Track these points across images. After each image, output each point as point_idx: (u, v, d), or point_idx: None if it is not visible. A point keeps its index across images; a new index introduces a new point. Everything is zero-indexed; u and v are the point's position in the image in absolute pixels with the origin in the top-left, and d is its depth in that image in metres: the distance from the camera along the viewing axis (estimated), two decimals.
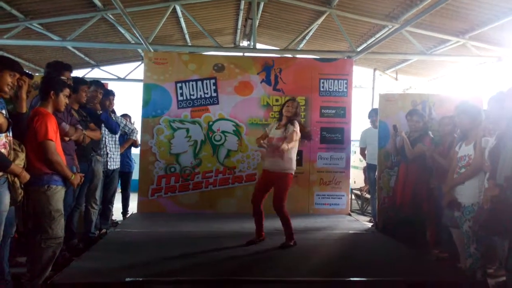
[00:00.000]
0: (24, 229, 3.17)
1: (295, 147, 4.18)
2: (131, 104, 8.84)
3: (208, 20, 8.51)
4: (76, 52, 9.26)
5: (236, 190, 5.96)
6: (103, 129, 4.71)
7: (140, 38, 6.50)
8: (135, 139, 5.95)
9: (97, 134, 4.21)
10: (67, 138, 3.61)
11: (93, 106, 4.50)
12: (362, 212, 7.66)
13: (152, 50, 6.95)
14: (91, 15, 7.01)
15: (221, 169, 6.00)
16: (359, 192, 7.80)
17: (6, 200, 2.74)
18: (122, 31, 8.01)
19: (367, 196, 7.13)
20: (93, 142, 4.28)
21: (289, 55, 8.65)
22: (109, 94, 5.23)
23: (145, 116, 5.95)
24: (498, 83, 7.44)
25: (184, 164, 5.95)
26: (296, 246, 4.10)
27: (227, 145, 6.03)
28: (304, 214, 5.91)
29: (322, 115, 6.18)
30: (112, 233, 4.68)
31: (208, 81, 6.05)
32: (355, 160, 7.83)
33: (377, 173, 5.43)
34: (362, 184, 7.19)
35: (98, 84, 4.65)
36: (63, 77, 3.73)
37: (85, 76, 10.23)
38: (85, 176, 3.95)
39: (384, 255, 4.08)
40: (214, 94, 6.04)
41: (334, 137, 6.18)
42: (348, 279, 3.29)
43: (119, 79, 11.00)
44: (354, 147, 7.12)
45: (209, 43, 8.18)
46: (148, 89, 5.97)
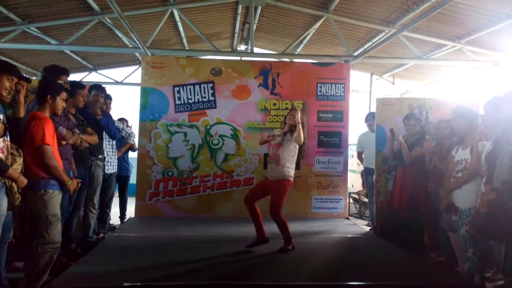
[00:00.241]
0: (22, 234, 3.16)
1: (294, 155, 4.17)
2: (129, 108, 8.84)
3: (206, 24, 8.52)
4: (74, 56, 9.24)
5: (234, 194, 5.96)
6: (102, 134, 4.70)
7: (138, 42, 6.50)
8: (132, 143, 5.95)
9: (95, 138, 4.20)
10: (64, 142, 3.60)
11: (94, 111, 4.50)
12: (360, 216, 7.67)
13: (150, 54, 6.95)
14: (89, 19, 7.01)
15: (219, 173, 6.00)
16: (357, 196, 7.81)
17: (4, 205, 2.73)
18: (120, 35, 8.01)
19: (365, 200, 7.14)
20: (93, 147, 4.27)
21: (287, 60, 8.67)
22: (106, 98, 5.22)
23: (143, 120, 5.95)
24: (494, 88, 7.48)
25: (182, 168, 5.94)
26: (295, 250, 4.09)
27: (225, 149, 6.03)
28: (302, 218, 5.92)
29: (320, 119, 6.20)
30: (110, 238, 4.66)
31: (206, 85, 6.05)
32: (353, 164, 7.84)
33: (375, 177, 5.44)
34: (360, 188, 7.20)
35: (99, 88, 4.64)
36: (60, 81, 3.73)
37: (83, 80, 10.21)
38: (83, 181, 3.94)
39: (382, 259, 4.08)
40: (212, 98, 6.05)
41: (332, 141, 6.20)
42: (347, 283, 3.29)
43: (117, 83, 10.98)
44: (352, 151, 7.13)
45: (207, 47, 8.18)
46: (146, 93, 5.98)
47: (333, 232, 5.24)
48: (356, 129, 6.84)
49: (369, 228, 5.82)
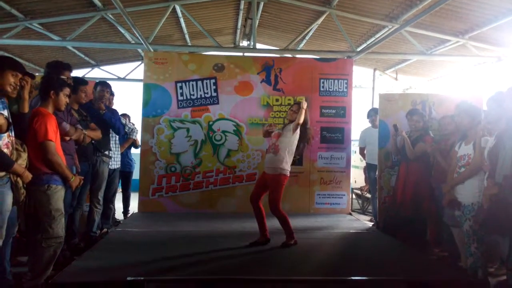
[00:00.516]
0: (26, 229, 3.18)
1: (293, 147, 4.18)
2: (131, 104, 8.84)
3: (208, 20, 8.52)
4: (76, 52, 9.26)
5: (237, 190, 5.97)
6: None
7: (140, 38, 6.51)
8: (135, 139, 5.96)
9: (98, 134, 4.20)
10: (68, 138, 3.62)
11: (98, 106, 4.51)
12: (363, 212, 7.67)
13: (152, 50, 6.96)
14: (91, 15, 7.01)
15: (222, 169, 6.01)
16: (360, 192, 7.81)
17: (9, 200, 2.74)
18: (122, 31, 8.02)
19: (368, 196, 7.14)
20: (99, 143, 4.28)
21: (289, 55, 8.66)
22: (109, 94, 5.24)
23: (146, 116, 5.95)
24: (498, 83, 7.46)
25: (185, 164, 5.95)
26: (297, 246, 4.09)
27: (228, 145, 6.03)
28: (305, 214, 5.92)
29: (322, 115, 6.18)
30: (113, 233, 4.68)
31: (208, 81, 6.05)
32: (356, 160, 7.84)
33: (378, 173, 5.44)
34: (363, 184, 7.20)
35: (104, 84, 4.67)
36: (63, 77, 3.73)
37: (85, 76, 10.24)
38: (85, 177, 3.96)
39: (385, 254, 4.08)
40: (214, 94, 6.04)
41: (335, 137, 6.19)
42: (349, 278, 3.29)
43: (119, 79, 11.01)
44: (355, 147, 7.13)
45: (209, 43, 8.18)
46: (148, 89, 5.98)
47: (336, 228, 5.24)
48: (359, 125, 6.83)
49: (372, 224, 5.83)
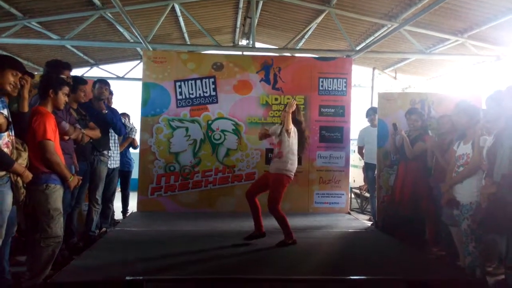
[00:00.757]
0: (26, 229, 3.17)
1: (293, 147, 4.18)
2: (130, 103, 8.83)
3: (207, 19, 8.51)
4: (75, 51, 9.24)
5: (236, 189, 5.96)
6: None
7: (139, 37, 6.50)
8: (134, 138, 5.96)
9: (97, 133, 4.20)
10: (67, 137, 3.61)
11: (99, 105, 4.50)
12: (362, 211, 7.68)
13: (151, 49, 6.95)
14: (90, 14, 7.00)
15: (221, 168, 6.00)
16: (359, 191, 7.82)
17: (9, 200, 2.73)
18: (121, 30, 8.01)
19: (367, 195, 7.14)
20: (97, 142, 4.28)
21: (288, 54, 8.65)
22: (108, 92, 5.23)
23: (144, 115, 5.94)
24: (497, 82, 7.46)
25: (184, 163, 5.95)
26: (296, 245, 4.09)
27: (227, 144, 6.03)
28: (304, 213, 5.92)
29: (321, 114, 6.18)
30: (112, 232, 4.68)
31: (207, 80, 6.04)
32: (355, 159, 7.84)
33: (377, 172, 5.43)
34: (362, 183, 7.20)
35: (103, 82, 4.68)
36: (63, 76, 3.73)
37: (84, 75, 10.22)
38: (84, 176, 3.95)
39: (384, 254, 4.08)
40: (213, 93, 6.04)
41: (334, 136, 6.18)
42: (348, 278, 3.29)
43: (118, 78, 10.99)
44: (354, 146, 7.13)
45: (208, 42, 8.16)
46: (147, 88, 5.97)
47: (335, 227, 5.24)
48: (358, 124, 6.84)
49: (371, 223, 5.83)
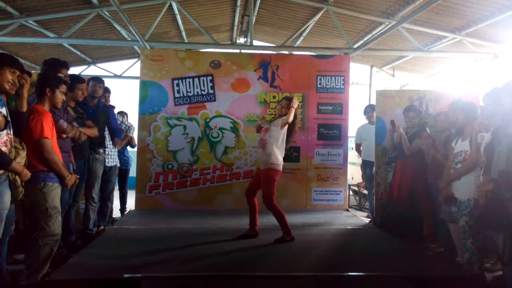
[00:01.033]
0: (24, 227, 3.16)
1: (280, 141, 4.18)
2: (128, 102, 8.82)
3: (205, 17, 8.49)
4: (72, 49, 9.21)
5: (234, 187, 5.97)
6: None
7: (136, 35, 6.48)
8: (132, 136, 5.94)
9: (94, 131, 4.19)
10: (65, 136, 3.60)
11: (92, 102, 4.49)
12: (360, 208, 7.69)
13: (149, 47, 6.93)
14: (87, 12, 6.97)
15: (219, 166, 6.01)
16: (357, 188, 7.82)
17: (6, 199, 2.72)
18: (118, 28, 7.98)
19: (365, 192, 7.15)
20: (93, 140, 4.27)
21: (286, 52, 8.63)
22: (105, 91, 5.22)
23: (142, 113, 5.94)
24: (494, 80, 7.46)
25: (182, 161, 5.95)
26: (295, 242, 4.11)
27: (225, 142, 6.03)
28: (302, 210, 5.94)
29: (319, 112, 6.19)
30: (110, 230, 4.68)
31: (205, 78, 6.04)
32: (353, 156, 7.84)
33: (375, 169, 5.44)
34: (360, 180, 7.19)
35: (97, 79, 4.67)
36: (60, 75, 3.71)
37: (81, 74, 10.19)
38: (82, 174, 3.95)
39: (382, 250, 4.10)
40: (211, 91, 6.03)
41: (332, 134, 6.20)
42: (346, 274, 3.31)
43: (116, 76, 10.97)
44: (352, 144, 7.13)
45: (206, 40, 8.14)
46: (145, 86, 5.96)
47: (333, 224, 5.25)
48: (356, 122, 6.84)
49: (369, 220, 5.84)
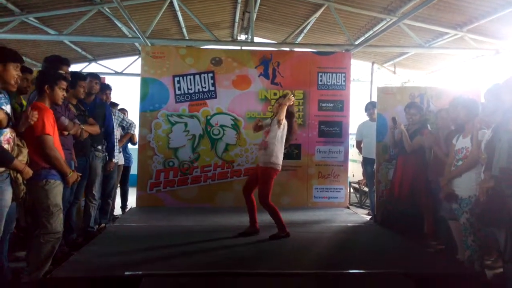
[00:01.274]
0: (26, 225, 3.17)
1: (280, 140, 4.20)
2: (129, 99, 8.82)
3: (206, 14, 8.47)
4: (73, 47, 9.20)
5: (235, 184, 5.96)
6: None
7: (137, 32, 6.47)
8: (133, 133, 5.95)
9: (96, 129, 4.20)
10: (66, 133, 3.61)
11: (89, 99, 4.49)
12: (361, 205, 7.70)
13: (149, 44, 6.92)
14: (88, 9, 6.96)
15: (220, 163, 6.00)
16: (358, 185, 7.82)
17: (8, 196, 2.72)
18: (119, 25, 7.96)
19: (366, 189, 7.15)
20: (93, 137, 4.27)
21: (287, 49, 8.62)
22: (106, 88, 5.22)
23: (143, 110, 5.93)
24: (496, 76, 7.45)
25: (183, 159, 5.95)
26: (295, 239, 4.11)
27: (226, 139, 6.03)
28: (303, 208, 5.94)
29: (320, 109, 6.18)
30: (111, 228, 4.69)
31: (206, 75, 6.03)
32: (354, 154, 7.84)
33: (376, 166, 5.44)
34: (361, 178, 7.20)
35: (92, 75, 4.64)
36: (61, 72, 3.71)
37: (82, 71, 10.18)
38: (83, 172, 3.95)
39: (382, 248, 4.09)
40: (212, 88, 6.02)
41: (333, 131, 6.19)
42: (347, 271, 3.31)
43: (117, 73, 10.97)
44: (353, 141, 7.13)
45: (207, 37, 8.15)
46: (146, 83, 5.96)
47: (334, 221, 5.26)
48: (357, 119, 6.83)
49: (370, 217, 5.85)
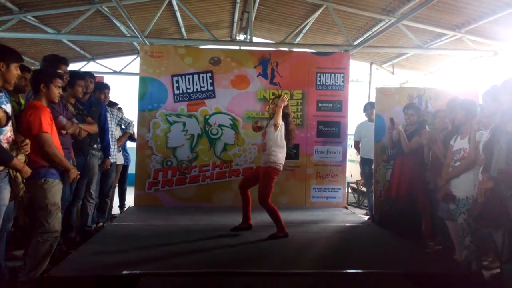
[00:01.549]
0: (25, 224, 3.16)
1: (279, 140, 4.19)
2: (127, 98, 8.83)
3: (204, 13, 8.46)
4: (71, 46, 9.19)
5: (233, 184, 5.96)
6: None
7: (136, 31, 6.46)
8: (132, 132, 5.94)
9: (94, 128, 4.19)
10: (64, 132, 3.60)
11: (84, 98, 4.47)
12: (359, 205, 7.71)
13: (148, 44, 6.91)
14: (86, 8, 6.95)
15: (218, 163, 6.01)
16: (356, 186, 7.83)
17: (6, 195, 2.71)
18: (118, 24, 7.95)
19: (363, 190, 7.16)
20: (91, 136, 4.26)
21: (286, 49, 8.62)
22: (104, 88, 5.20)
23: (142, 110, 5.93)
24: (494, 77, 7.47)
25: (181, 158, 5.95)
26: (293, 239, 4.12)
27: (224, 139, 6.03)
28: (301, 208, 5.95)
29: (319, 109, 6.19)
30: (109, 227, 4.69)
31: (205, 75, 6.03)
32: (352, 154, 7.84)
33: (374, 167, 5.45)
34: (359, 178, 7.22)
35: (88, 74, 4.61)
36: (60, 71, 3.70)
37: (81, 70, 10.15)
38: (82, 171, 3.94)
39: (380, 248, 4.11)
40: (211, 88, 6.03)
41: (331, 131, 6.20)
42: (345, 271, 3.32)
43: (115, 73, 10.95)
44: (351, 141, 7.14)
45: (205, 37, 8.14)
46: (144, 83, 5.95)
47: (332, 221, 5.27)
48: (355, 119, 6.84)
49: (368, 217, 5.86)
